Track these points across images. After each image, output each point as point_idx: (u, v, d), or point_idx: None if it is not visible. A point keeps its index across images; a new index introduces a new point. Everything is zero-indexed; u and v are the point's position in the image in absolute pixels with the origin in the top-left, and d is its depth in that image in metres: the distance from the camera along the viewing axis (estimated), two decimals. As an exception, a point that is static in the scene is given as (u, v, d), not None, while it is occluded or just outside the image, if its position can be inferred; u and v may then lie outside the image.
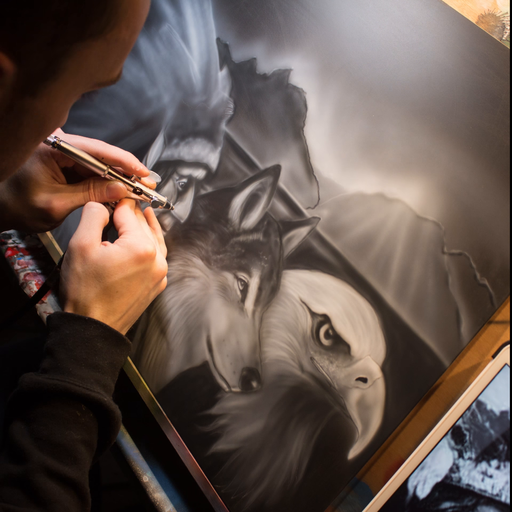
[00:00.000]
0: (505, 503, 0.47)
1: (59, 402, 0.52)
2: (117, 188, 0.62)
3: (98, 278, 0.56)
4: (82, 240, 0.57)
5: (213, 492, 0.60)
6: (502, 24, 0.55)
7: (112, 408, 0.54)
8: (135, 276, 0.58)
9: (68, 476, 0.50)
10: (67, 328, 0.55)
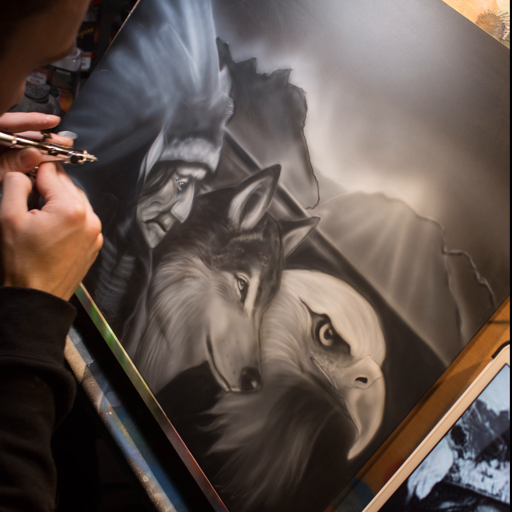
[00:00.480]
0: (505, 503, 0.47)
1: (12, 377, 0.51)
2: (30, 154, 0.59)
3: (31, 247, 0.55)
4: (7, 212, 0.56)
5: (213, 492, 0.60)
6: (502, 24, 0.55)
7: (66, 375, 0.54)
8: (69, 239, 0.57)
9: (30, 450, 0.50)
10: (10, 303, 0.54)
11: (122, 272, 0.71)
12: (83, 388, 0.71)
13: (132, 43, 0.76)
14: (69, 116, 0.80)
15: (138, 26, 0.76)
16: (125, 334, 0.68)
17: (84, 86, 0.81)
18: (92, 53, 1.19)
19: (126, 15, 0.84)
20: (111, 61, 0.78)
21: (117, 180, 0.73)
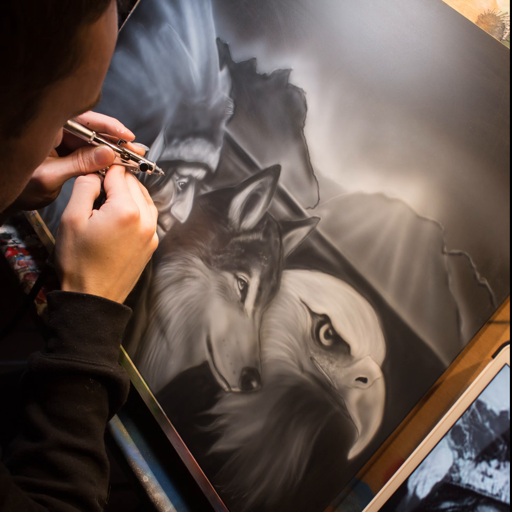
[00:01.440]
0: (505, 503, 0.47)
1: (67, 379, 0.56)
2: (104, 152, 0.63)
3: (87, 248, 0.59)
4: (72, 214, 0.60)
5: (213, 492, 0.60)
6: (502, 24, 0.55)
7: (119, 376, 0.58)
8: (122, 240, 0.60)
9: (83, 448, 0.54)
10: (67, 307, 0.57)
11: (122, 272, 0.70)
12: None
13: (132, 43, 0.76)
14: (69, 116, 0.80)
15: (138, 26, 0.76)
16: (125, 334, 0.68)
17: (84, 86, 0.81)
18: (92, 53, 1.19)
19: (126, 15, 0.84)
20: (111, 61, 0.77)
21: (117, 180, 0.73)
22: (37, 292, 0.71)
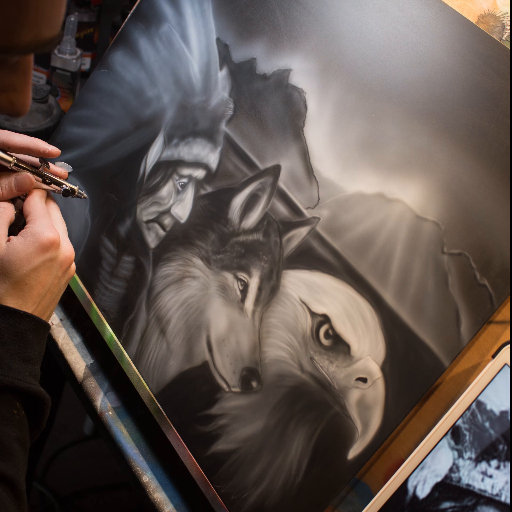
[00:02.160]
0: (505, 503, 0.47)
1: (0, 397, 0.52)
2: (25, 178, 0.60)
3: (6, 274, 0.56)
4: None
5: (213, 492, 0.60)
6: (502, 24, 0.55)
7: (47, 397, 0.55)
8: (42, 266, 0.58)
9: (5, 474, 0.49)
10: (1, 321, 0.55)
11: (122, 272, 0.71)
12: (83, 388, 0.71)
13: (132, 43, 0.76)
14: (69, 116, 0.80)
15: (138, 26, 0.76)
16: (125, 334, 0.68)
17: (84, 86, 0.81)
18: (92, 53, 1.19)
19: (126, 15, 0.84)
20: (111, 61, 0.78)
21: (117, 180, 0.73)
22: None
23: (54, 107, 0.96)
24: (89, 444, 1.47)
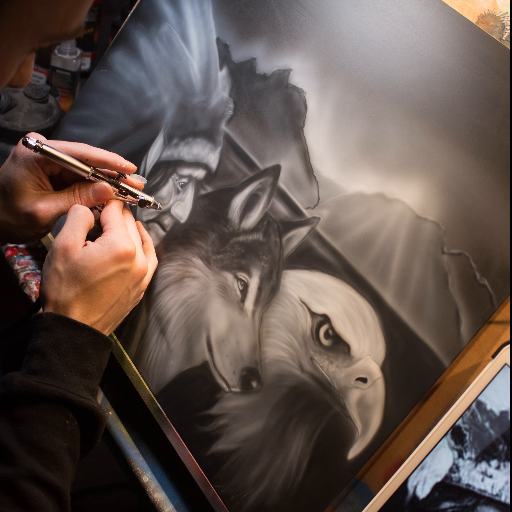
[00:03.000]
0: (505, 503, 0.47)
1: (50, 407, 0.52)
2: (102, 189, 0.61)
3: (78, 278, 0.56)
4: (65, 241, 0.57)
5: (213, 492, 0.60)
6: (502, 24, 0.55)
7: (101, 413, 0.55)
8: (115, 276, 0.58)
9: (54, 484, 0.50)
10: (61, 332, 0.54)
11: (122, 272, 0.70)
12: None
13: (132, 43, 0.76)
14: (69, 116, 0.80)
15: (138, 26, 0.76)
16: (125, 334, 0.68)
17: (84, 86, 0.81)
18: (92, 53, 1.19)
19: (126, 15, 0.84)
20: (111, 61, 0.78)
21: (117, 180, 0.73)
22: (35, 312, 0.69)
23: (54, 107, 0.96)
24: (89, 444, 1.47)
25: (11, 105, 0.93)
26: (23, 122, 0.93)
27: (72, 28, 0.37)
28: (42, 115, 0.94)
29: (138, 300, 0.64)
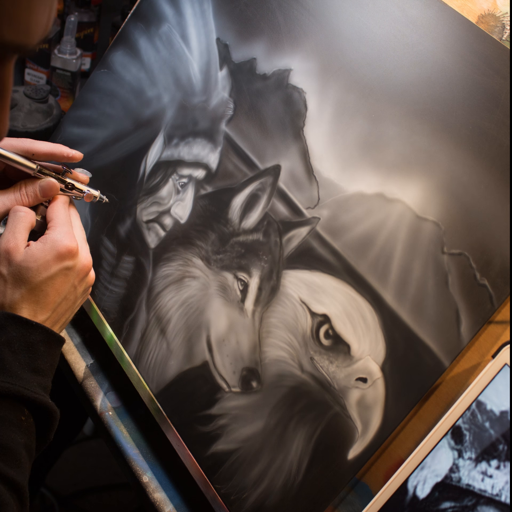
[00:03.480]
0: (505, 503, 0.47)
1: (6, 404, 0.52)
2: (50, 184, 0.61)
3: (22, 279, 0.57)
4: (7, 244, 0.58)
5: (213, 492, 0.60)
6: (502, 24, 0.55)
7: (55, 409, 0.55)
8: (59, 274, 0.58)
9: (14, 480, 0.50)
10: (14, 330, 0.55)
11: (122, 272, 0.71)
12: (83, 388, 0.71)
13: (132, 43, 0.76)
14: (69, 116, 0.80)
15: (138, 26, 0.76)
16: (125, 334, 0.68)
17: (84, 86, 0.81)
18: (92, 53, 1.19)
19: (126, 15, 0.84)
20: (111, 61, 0.78)
21: (117, 180, 0.73)
22: None
23: (54, 107, 0.96)
24: (89, 444, 1.47)
25: (11, 105, 0.93)
26: (23, 122, 0.93)
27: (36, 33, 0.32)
28: (42, 115, 0.94)
29: (87, 295, 0.64)
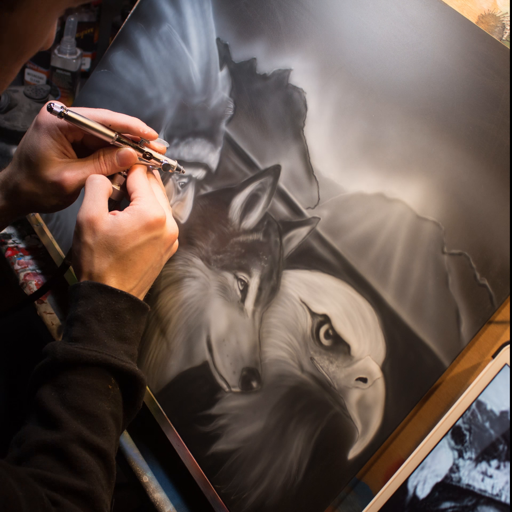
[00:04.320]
0: (505, 503, 0.47)
1: (94, 372, 0.53)
2: (127, 154, 0.61)
3: (110, 248, 0.57)
4: (89, 212, 0.58)
5: (213, 492, 0.60)
6: (502, 24, 0.55)
7: (142, 376, 0.56)
8: (147, 244, 0.58)
9: (100, 447, 0.51)
10: (99, 299, 0.55)
11: (122, 272, 0.70)
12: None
13: (132, 43, 0.76)
14: (69, 116, 0.80)
15: (138, 26, 0.76)
16: (125, 334, 0.68)
17: (84, 86, 0.81)
18: (92, 53, 1.19)
19: (126, 15, 0.84)
20: (111, 61, 0.78)
21: (117, 180, 0.73)
22: (48, 289, 0.70)
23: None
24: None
25: (11, 105, 0.93)
26: (23, 122, 0.93)
27: None
28: (42, 115, 0.94)
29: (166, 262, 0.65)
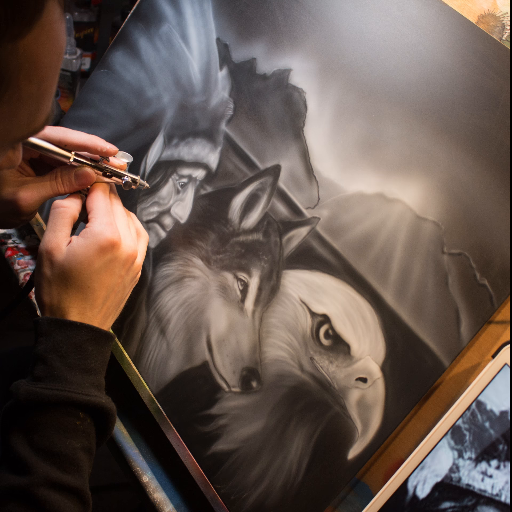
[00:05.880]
0: (505, 503, 0.47)
1: (58, 411, 0.52)
2: (85, 174, 0.60)
3: (67, 279, 0.56)
4: (47, 244, 0.57)
5: (213, 492, 0.60)
6: (502, 24, 0.55)
7: (110, 407, 0.55)
8: (103, 268, 0.57)
9: (71, 486, 0.51)
10: (58, 335, 0.54)
11: (122, 272, 0.70)
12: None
13: (132, 43, 0.76)
14: (69, 116, 0.80)
15: (138, 26, 0.76)
16: (125, 334, 0.69)
17: (84, 86, 0.81)
18: (92, 53, 1.19)
19: (126, 15, 0.84)
20: (111, 61, 0.78)
21: (117, 180, 0.73)
22: (23, 299, 0.69)
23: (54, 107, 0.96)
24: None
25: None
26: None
27: (39, 123, 0.39)
28: (42, 115, 0.94)
29: (136, 281, 0.63)
